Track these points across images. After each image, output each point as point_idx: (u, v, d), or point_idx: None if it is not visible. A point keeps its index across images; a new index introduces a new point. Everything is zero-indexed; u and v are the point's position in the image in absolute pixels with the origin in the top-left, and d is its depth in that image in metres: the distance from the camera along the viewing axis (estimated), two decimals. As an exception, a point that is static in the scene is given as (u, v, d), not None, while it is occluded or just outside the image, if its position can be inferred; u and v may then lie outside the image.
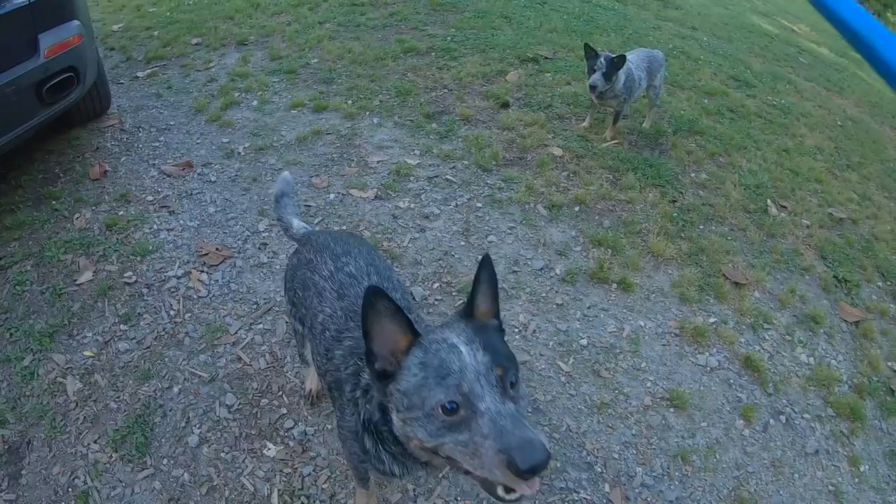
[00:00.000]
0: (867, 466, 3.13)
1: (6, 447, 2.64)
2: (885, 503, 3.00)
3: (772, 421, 3.16)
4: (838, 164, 5.82)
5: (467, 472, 1.34)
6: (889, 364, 3.74)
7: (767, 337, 3.60)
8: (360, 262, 2.10)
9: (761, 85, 7.00)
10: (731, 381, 3.29)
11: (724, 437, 3.03)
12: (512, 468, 1.18)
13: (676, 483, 2.79)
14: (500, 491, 1.30)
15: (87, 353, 2.98)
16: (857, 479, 3.06)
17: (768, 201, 4.72)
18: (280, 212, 2.60)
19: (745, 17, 11.01)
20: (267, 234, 3.76)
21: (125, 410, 2.76)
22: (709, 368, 3.31)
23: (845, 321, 3.90)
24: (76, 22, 3.70)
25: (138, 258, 3.50)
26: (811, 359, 3.57)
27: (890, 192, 5.72)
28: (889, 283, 4.40)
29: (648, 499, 2.71)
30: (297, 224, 2.53)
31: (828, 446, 3.16)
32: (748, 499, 2.80)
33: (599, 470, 2.77)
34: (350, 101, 5.21)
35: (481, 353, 1.35)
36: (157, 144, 4.59)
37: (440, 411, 1.30)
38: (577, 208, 4.23)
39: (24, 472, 2.55)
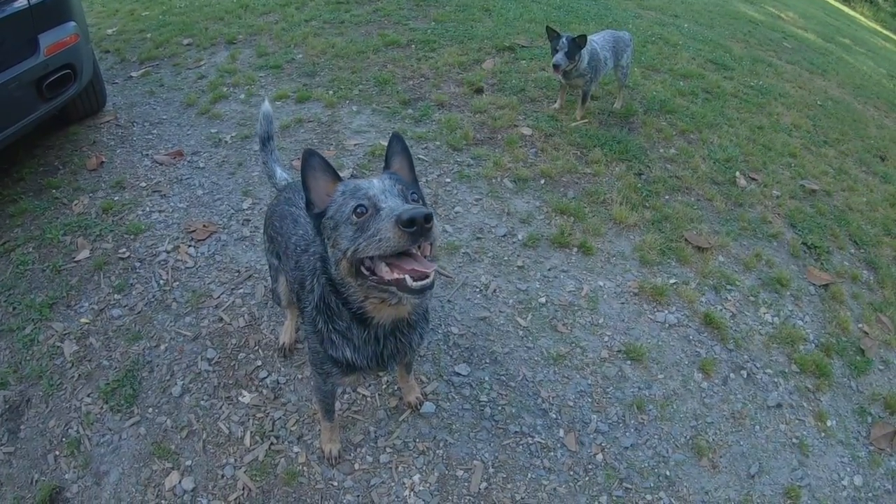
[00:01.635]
0: (834, 421, 3.17)
1: (7, 406, 2.86)
2: (853, 457, 3.05)
3: (732, 375, 3.23)
4: (815, 140, 5.87)
5: (386, 283, 1.58)
6: (860, 325, 3.78)
7: (730, 297, 3.67)
8: None
9: (740, 68, 7.07)
10: (691, 337, 3.36)
11: (681, 388, 3.10)
12: (398, 223, 1.44)
13: (632, 430, 2.87)
14: (408, 281, 1.54)
15: (83, 320, 3.19)
16: (823, 434, 3.11)
17: (737, 173, 4.79)
18: (266, 156, 2.86)
19: (730, 5, 11.09)
20: (250, 211, 3.94)
21: (116, 367, 2.98)
22: (667, 325, 3.38)
23: (813, 284, 3.94)
24: (73, 23, 3.94)
25: (131, 236, 3.70)
26: (776, 318, 3.62)
27: (868, 167, 5.75)
28: (863, 250, 4.44)
29: (602, 444, 2.79)
30: (280, 174, 2.81)
31: (792, 401, 3.21)
32: (706, 447, 2.86)
33: (554, 416, 2.86)
34: (331, 92, 5.34)
35: (388, 180, 1.69)
36: (150, 137, 4.78)
37: (354, 216, 1.60)
38: (542, 181, 4.33)
39: (22, 426, 2.77)
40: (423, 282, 1.53)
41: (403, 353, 2.07)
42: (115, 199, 4.03)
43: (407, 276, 1.53)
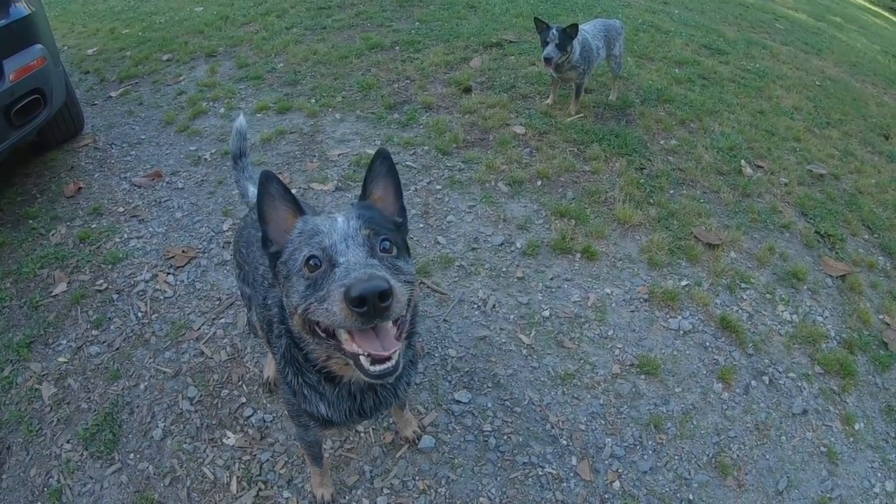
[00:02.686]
0: (862, 424, 2.97)
1: None
2: (884, 461, 2.84)
3: (753, 382, 3.01)
4: (818, 122, 5.67)
5: (343, 352, 1.34)
6: (880, 317, 3.58)
7: (745, 297, 3.45)
8: None
9: (735, 52, 6.88)
10: (707, 343, 3.13)
11: (701, 401, 2.88)
12: (346, 298, 1.16)
13: (650, 453, 2.65)
14: (364, 363, 1.29)
15: (60, 360, 3.03)
16: (851, 438, 2.90)
17: (742, 162, 4.58)
18: (238, 174, 2.62)
19: (719, -11, 10.89)
20: (230, 232, 3.75)
21: (95, 410, 2.80)
22: (682, 332, 3.16)
23: (830, 276, 3.74)
24: (39, 46, 3.79)
25: (109, 266, 3.54)
26: (794, 316, 3.42)
27: (873, 147, 5.57)
28: (876, 235, 4.25)
29: (619, 470, 2.57)
30: (252, 193, 2.54)
31: (817, 405, 3.00)
32: (731, 465, 2.65)
33: (565, 443, 2.63)
34: (313, 101, 5.16)
35: (355, 221, 1.38)
36: (128, 158, 4.63)
37: (306, 269, 1.33)
38: (539, 182, 4.11)
39: (3, 476, 2.60)
40: (382, 367, 1.27)
41: (388, 404, 1.81)
42: (93, 226, 3.87)
43: (362, 356, 1.28)
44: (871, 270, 3.88)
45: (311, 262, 1.33)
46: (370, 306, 1.16)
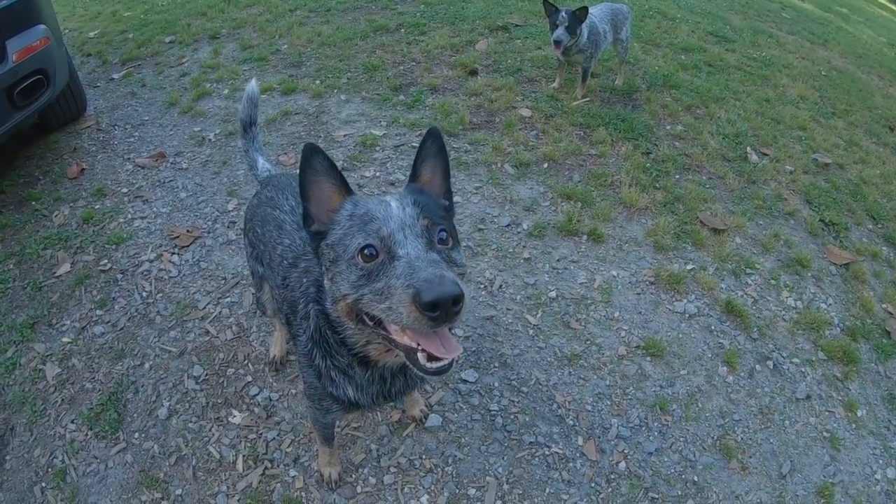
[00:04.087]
0: (864, 411, 2.98)
1: None
2: (885, 448, 2.85)
3: (758, 367, 3.01)
4: (823, 112, 5.64)
5: (393, 343, 1.30)
6: (883, 306, 3.58)
7: (750, 282, 3.45)
8: None
9: (741, 40, 6.82)
10: (712, 327, 3.13)
11: (706, 384, 2.88)
12: (416, 302, 1.11)
13: (655, 434, 2.65)
14: (421, 359, 1.24)
15: (65, 340, 3.01)
16: (853, 425, 2.91)
17: (748, 149, 4.55)
18: (248, 145, 2.55)
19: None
20: (235, 212, 3.72)
21: (99, 390, 2.78)
22: (687, 315, 3.15)
23: (834, 264, 3.74)
24: (42, 26, 3.76)
25: (113, 246, 3.51)
26: (798, 303, 3.41)
27: (878, 138, 5.55)
28: (880, 225, 4.24)
29: (625, 451, 2.57)
30: (262, 164, 2.50)
31: (820, 391, 3.00)
32: (735, 448, 2.65)
33: (571, 423, 2.63)
34: (318, 82, 5.12)
35: (410, 207, 1.31)
36: (132, 140, 4.59)
37: (360, 258, 1.26)
38: (545, 165, 4.09)
39: (7, 457, 2.59)
40: (439, 365, 1.23)
41: (414, 387, 1.78)
42: (96, 207, 3.84)
43: (419, 353, 1.24)
44: (874, 260, 3.88)
45: (366, 251, 1.26)
46: (442, 312, 1.11)
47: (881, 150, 5.32)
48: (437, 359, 1.23)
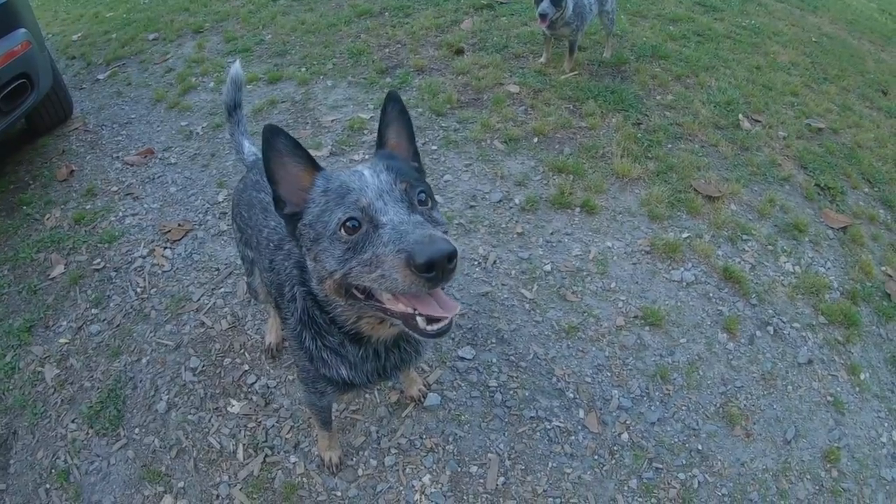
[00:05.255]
0: (868, 374, 2.95)
1: None
2: (889, 411, 2.83)
3: (758, 332, 2.98)
4: (815, 77, 5.58)
5: (388, 312, 1.27)
6: (882, 268, 3.55)
7: (747, 248, 3.41)
8: None
9: (729, 9, 6.74)
10: (711, 294, 3.09)
11: (706, 352, 2.84)
12: (411, 265, 1.09)
13: (657, 403, 2.62)
14: (420, 323, 1.21)
15: (62, 341, 3.00)
16: (857, 388, 2.88)
17: (740, 116, 4.50)
18: (233, 128, 2.51)
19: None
20: (226, 203, 3.68)
21: (98, 388, 2.78)
22: (684, 283, 3.12)
23: (831, 228, 3.70)
24: (23, 30, 3.74)
25: (105, 245, 3.50)
26: (797, 267, 3.38)
27: (872, 102, 5.49)
28: (876, 188, 4.21)
29: (627, 421, 2.54)
30: (248, 148, 2.46)
31: (822, 355, 2.98)
32: (738, 414, 2.63)
33: (572, 395, 2.60)
34: (304, 69, 5.07)
35: (384, 173, 1.29)
36: (119, 138, 4.57)
37: (343, 232, 1.23)
38: (535, 140, 4.04)
39: (11, 461, 2.58)
40: (439, 326, 1.20)
41: (409, 362, 1.74)
42: (87, 207, 3.83)
43: (418, 317, 1.21)
44: (871, 223, 3.85)
45: (348, 223, 1.23)
46: (438, 271, 1.09)
47: (874, 113, 5.27)
48: (437, 320, 1.20)
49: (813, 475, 2.50)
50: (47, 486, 2.46)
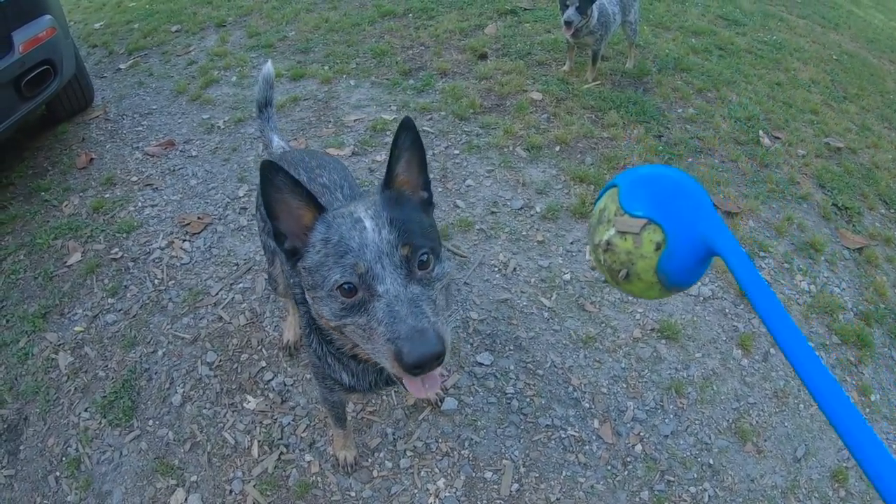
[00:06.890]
0: (878, 395, 2.96)
1: (5, 426, 2.67)
2: (899, 433, 2.83)
3: (772, 350, 2.99)
4: (835, 96, 5.58)
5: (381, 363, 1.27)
6: (897, 291, 3.54)
7: (764, 265, 3.42)
8: (334, 176, 2.07)
9: (751, 23, 6.74)
10: (727, 310, 3.11)
11: (720, 367, 2.86)
12: (398, 361, 1.11)
13: (671, 416, 2.63)
14: (406, 385, 1.26)
15: (77, 329, 3.00)
16: (867, 409, 2.89)
17: (760, 132, 4.51)
18: (263, 125, 2.56)
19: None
20: (246, 198, 3.71)
21: (112, 378, 2.77)
22: (702, 298, 3.13)
23: (847, 248, 3.71)
24: (48, 16, 3.76)
25: (123, 235, 3.51)
26: (812, 286, 3.39)
27: (890, 123, 5.48)
28: (893, 210, 4.20)
29: (641, 433, 2.56)
30: (277, 143, 2.50)
31: (834, 375, 2.97)
32: (750, 431, 2.64)
33: (587, 405, 2.62)
34: (327, 67, 5.10)
35: (387, 230, 1.25)
36: (140, 129, 4.58)
37: (338, 292, 1.23)
38: (557, 148, 4.05)
39: (21, 447, 2.58)
40: (425, 396, 1.26)
41: None
42: (106, 196, 3.84)
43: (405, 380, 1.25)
44: (887, 245, 3.84)
45: (345, 286, 1.23)
46: (426, 368, 1.12)
47: (893, 134, 5.27)
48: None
49: (821, 494, 2.51)
50: (57, 473, 2.47)
